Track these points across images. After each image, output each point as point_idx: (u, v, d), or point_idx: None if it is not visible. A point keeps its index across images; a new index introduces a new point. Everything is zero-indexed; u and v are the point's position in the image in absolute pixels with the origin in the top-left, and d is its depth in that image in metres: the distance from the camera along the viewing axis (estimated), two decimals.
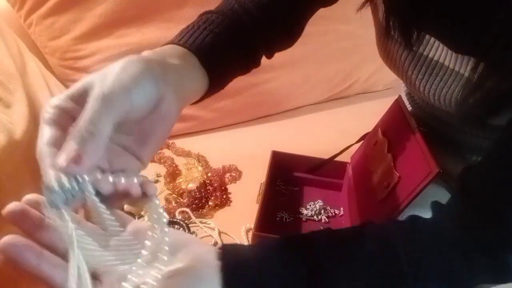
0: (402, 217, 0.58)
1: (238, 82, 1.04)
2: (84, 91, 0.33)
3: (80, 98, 0.33)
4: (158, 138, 0.37)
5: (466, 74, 0.49)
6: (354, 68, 1.19)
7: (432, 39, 0.52)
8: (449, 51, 0.51)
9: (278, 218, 0.76)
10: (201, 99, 0.47)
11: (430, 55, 0.53)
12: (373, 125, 0.77)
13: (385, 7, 0.50)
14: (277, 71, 1.08)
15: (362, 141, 0.80)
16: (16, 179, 0.56)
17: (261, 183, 0.80)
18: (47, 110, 0.33)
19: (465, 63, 0.49)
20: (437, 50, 0.52)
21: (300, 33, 0.59)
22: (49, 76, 0.87)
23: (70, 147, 0.30)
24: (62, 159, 0.29)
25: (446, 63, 0.51)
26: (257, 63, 0.56)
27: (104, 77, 0.33)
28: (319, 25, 1.07)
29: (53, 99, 0.33)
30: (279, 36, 0.57)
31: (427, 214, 0.49)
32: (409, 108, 0.73)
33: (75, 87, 0.34)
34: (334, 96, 1.21)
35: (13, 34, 0.79)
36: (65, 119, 0.33)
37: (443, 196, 0.66)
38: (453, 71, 0.50)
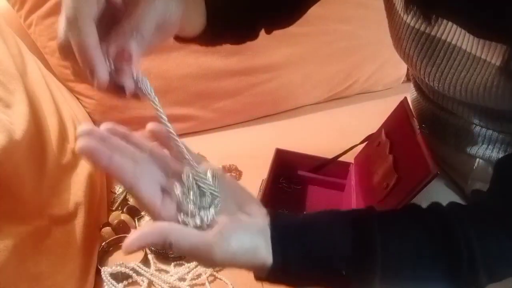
0: None
1: (238, 82, 1.06)
2: None
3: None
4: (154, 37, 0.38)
5: (493, 61, 0.45)
6: (354, 68, 1.19)
7: (449, 23, 0.49)
8: (469, 36, 0.48)
9: None
10: (190, 41, 0.48)
11: (448, 39, 0.50)
12: (373, 125, 0.77)
13: None
14: (277, 71, 1.08)
15: (366, 142, 0.80)
16: (16, 179, 0.55)
17: (263, 180, 0.80)
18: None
19: (492, 49, 0.45)
20: (454, 34, 0.49)
21: (302, 14, 0.57)
22: (49, 76, 0.87)
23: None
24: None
25: (465, 47, 0.48)
26: (255, 35, 0.55)
27: None
28: (319, 25, 1.07)
29: None
30: (279, 14, 0.56)
31: None
32: (417, 99, 0.72)
33: None
34: (334, 96, 1.21)
35: (13, 34, 0.79)
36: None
37: (442, 192, 0.66)
38: (475, 57, 0.48)
